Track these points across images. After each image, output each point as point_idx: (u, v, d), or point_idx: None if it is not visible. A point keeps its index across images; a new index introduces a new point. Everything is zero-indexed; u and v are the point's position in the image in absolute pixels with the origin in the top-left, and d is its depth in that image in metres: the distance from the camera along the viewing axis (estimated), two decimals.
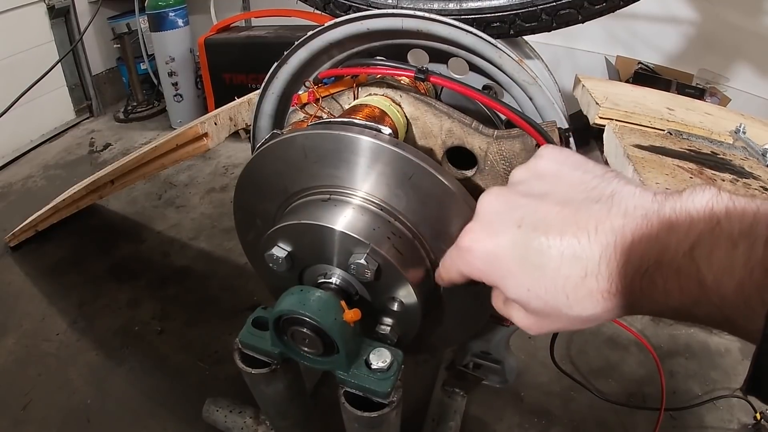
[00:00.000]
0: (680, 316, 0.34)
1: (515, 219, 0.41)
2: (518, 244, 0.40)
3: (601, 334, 1.65)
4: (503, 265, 0.41)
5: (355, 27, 0.74)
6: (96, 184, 1.61)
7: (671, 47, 2.44)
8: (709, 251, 0.31)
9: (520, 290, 0.40)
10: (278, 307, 0.58)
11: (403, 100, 0.70)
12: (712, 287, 0.31)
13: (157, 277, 1.85)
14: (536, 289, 0.39)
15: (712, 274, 0.31)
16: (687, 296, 0.32)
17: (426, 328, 0.69)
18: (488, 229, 0.42)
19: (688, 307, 0.33)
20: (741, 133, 1.08)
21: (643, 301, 0.35)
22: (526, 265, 0.39)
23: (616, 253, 0.35)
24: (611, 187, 0.38)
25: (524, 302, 0.41)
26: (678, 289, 0.33)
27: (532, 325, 0.43)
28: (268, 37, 2.55)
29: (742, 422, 1.40)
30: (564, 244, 0.37)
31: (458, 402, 1.24)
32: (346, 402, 0.61)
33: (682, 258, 0.32)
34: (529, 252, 0.39)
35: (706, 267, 0.31)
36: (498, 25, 0.78)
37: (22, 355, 1.53)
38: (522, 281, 0.40)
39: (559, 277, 0.37)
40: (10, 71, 2.44)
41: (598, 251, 0.36)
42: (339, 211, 0.60)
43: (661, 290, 0.33)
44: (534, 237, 0.39)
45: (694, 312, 0.33)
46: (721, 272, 0.31)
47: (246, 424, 1.20)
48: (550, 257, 0.38)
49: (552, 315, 0.40)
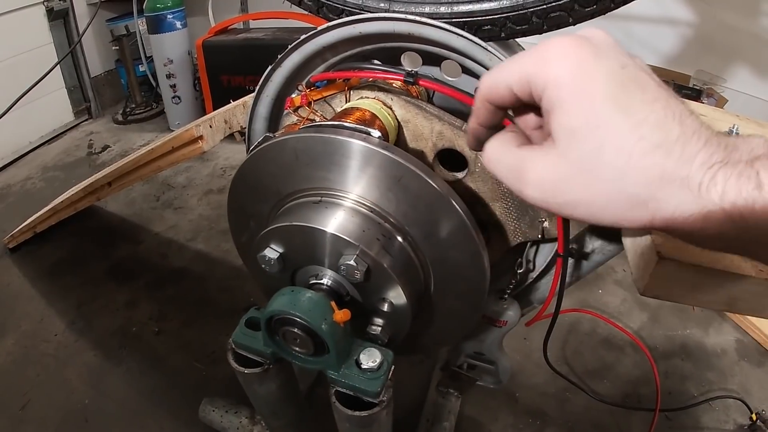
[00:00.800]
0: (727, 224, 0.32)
1: (621, 61, 0.37)
2: (617, 80, 0.35)
3: (597, 335, 1.65)
4: (590, 86, 0.35)
5: (347, 30, 0.74)
6: (94, 185, 1.61)
7: (668, 48, 2.45)
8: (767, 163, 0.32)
9: (589, 121, 0.35)
10: (270, 308, 0.59)
11: (394, 103, 0.71)
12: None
13: (155, 278, 1.85)
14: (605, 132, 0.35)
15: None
16: (744, 198, 0.31)
17: (417, 329, 0.69)
18: (593, 49, 0.36)
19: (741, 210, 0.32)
20: (734, 134, 1.09)
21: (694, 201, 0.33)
22: (613, 102, 0.35)
23: (692, 141, 0.33)
24: None
25: (581, 137, 0.36)
26: (736, 189, 0.32)
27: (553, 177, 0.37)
28: (266, 39, 2.56)
29: (738, 423, 1.40)
30: (654, 109, 0.35)
31: (452, 402, 1.25)
32: (337, 401, 0.61)
33: (743, 165, 0.32)
34: (622, 93, 0.35)
35: (764, 173, 0.31)
36: (489, 28, 0.78)
37: (21, 356, 1.54)
38: (599, 114, 0.35)
39: (635, 133, 0.34)
40: (9, 73, 2.45)
41: (677, 132, 0.34)
42: (330, 213, 0.61)
43: (719, 190, 0.32)
44: (632, 85, 0.35)
45: (747, 217, 0.32)
46: None
47: (242, 424, 1.21)
48: (638, 110, 0.34)
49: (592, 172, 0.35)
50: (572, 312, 1.62)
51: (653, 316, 1.74)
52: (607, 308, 1.76)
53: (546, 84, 0.36)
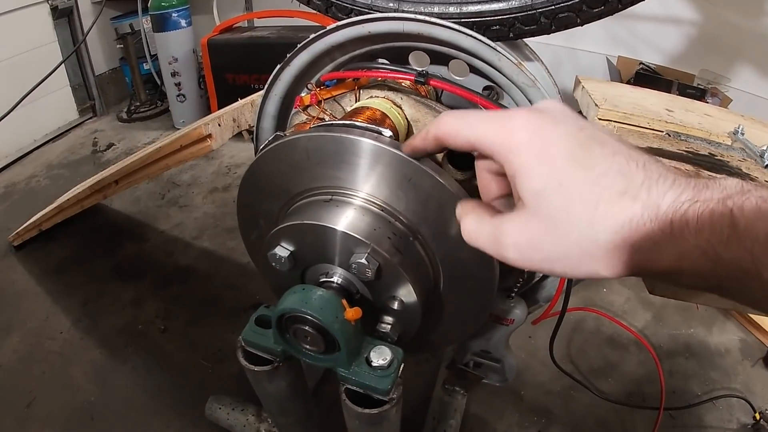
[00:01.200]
0: (704, 263, 0.33)
1: (578, 124, 0.39)
2: (575, 140, 0.37)
3: (601, 333, 1.65)
4: (550, 149, 0.37)
5: (356, 30, 0.75)
6: (100, 184, 1.62)
7: (673, 47, 2.44)
8: (741, 202, 0.32)
9: (552, 181, 0.37)
10: (281, 306, 0.59)
11: (404, 102, 0.71)
12: (745, 229, 0.31)
13: (160, 276, 1.86)
14: (570, 187, 0.36)
15: (744, 219, 0.31)
16: (718, 236, 0.32)
17: (426, 327, 0.70)
18: (551, 116, 0.39)
19: (717, 248, 0.32)
20: (739, 135, 1.08)
21: (668, 242, 0.34)
22: (573, 160, 0.37)
23: (658, 184, 0.34)
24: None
25: (546, 197, 0.37)
26: (710, 228, 0.32)
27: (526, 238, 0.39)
28: (271, 38, 2.56)
29: (741, 422, 1.41)
30: (615, 161, 0.36)
31: (458, 400, 1.25)
32: (347, 399, 0.62)
33: (716, 203, 0.32)
34: (582, 150, 0.37)
35: (738, 212, 0.32)
36: (497, 28, 0.79)
37: (26, 354, 1.55)
38: (560, 173, 0.37)
39: (599, 184, 0.36)
40: (14, 71, 2.45)
41: (642, 177, 0.35)
42: (340, 211, 0.61)
43: (692, 229, 0.33)
44: (591, 143, 0.37)
45: (723, 255, 0.32)
46: (753, 217, 0.31)
47: (248, 422, 1.21)
48: (598, 164, 0.36)
49: (562, 227, 0.37)
50: (577, 311, 1.62)
51: (657, 315, 1.74)
52: (611, 307, 1.76)
53: (509, 151, 0.39)
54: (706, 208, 0.33)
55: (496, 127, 0.40)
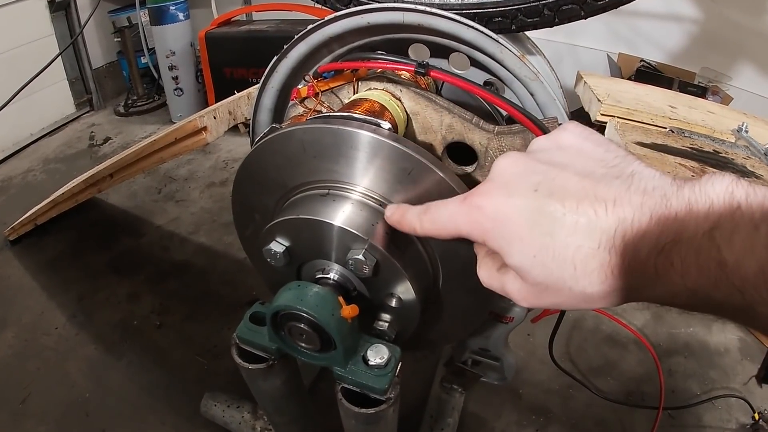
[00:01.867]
0: (696, 301, 0.33)
1: (532, 183, 0.39)
2: (532, 208, 0.38)
3: (601, 332, 1.65)
4: (512, 228, 0.39)
5: (355, 21, 0.73)
6: (95, 177, 1.60)
7: (674, 45, 2.44)
8: (729, 233, 0.31)
9: (524, 256, 0.39)
10: (276, 303, 0.58)
11: (403, 94, 0.70)
12: (733, 268, 0.30)
13: (156, 271, 1.85)
14: (543, 257, 0.37)
15: (734, 256, 0.30)
16: (706, 277, 0.31)
17: (424, 325, 0.68)
18: (503, 189, 0.40)
19: (707, 289, 0.32)
20: (743, 132, 1.07)
21: (656, 283, 0.34)
22: (537, 230, 0.37)
23: (633, 227, 0.34)
24: (632, 167, 0.37)
25: (526, 270, 0.39)
26: (696, 270, 0.32)
27: (528, 296, 0.42)
28: (269, 31, 2.54)
29: (740, 422, 1.40)
30: (580, 212, 0.36)
31: (456, 399, 1.24)
32: (344, 398, 0.60)
33: (701, 238, 0.31)
34: (542, 217, 0.37)
35: (726, 248, 0.31)
36: (500, 20, 0.77)
37: (21, 349, 1.53)
38: (529, 247, 0.38)
39: (570, 246, 0.36)
40: (11, 64, 2.44)
41: (614, 224, 0.34)
42: (337, 206, 0.60)
43: (678, 271, 0.32)
44: (549, 203, 0.37)
45: (713, 295, 0.32)
46: (742, 253, 0.30)
47: (244, 419, 1.20)
48: (563, 224, 0.36)
49: (553, 287, 0.38)
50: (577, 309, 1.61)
51: (657, 313, 1.73)
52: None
53: (483, 238, 0.42)
54: (690, 247, 0.32)
55: (463, 220, 0.43)
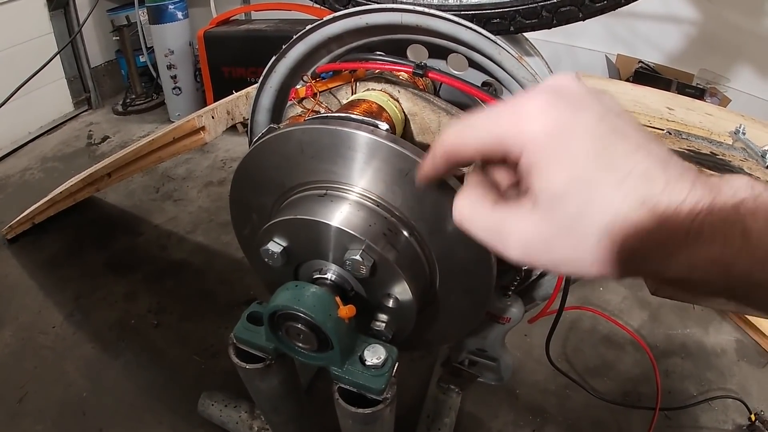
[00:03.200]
0: (712, 274, 0.32)
1: (598, 111, 0.35)
2: (596, 133, 0.34)
3: (597, 332, 1.65)
4: (569, 147, 0.34)
5: (353, 21, 0.73)
6: (93, 176, 1.60)
7: (672, 47, 2.44)
8: (754, 208, 0.31)
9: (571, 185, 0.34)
10: (273, 303, 0.58)
11: (401, 95, 0.70)
12: (756, 239, 0.30)
13: (154, 270, 1.84)
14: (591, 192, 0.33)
15: (757, 225, 0.30)
16: (730, 247, 0.31)
17: (421, 325, 0.68)
18: (565, 104, 0.35)
19: (728, 261, 0.31)
20: (741, 134, 1.08)
21: (681, 250, 0.32)
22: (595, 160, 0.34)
23: (676, 190, 0.32)
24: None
25: (562, 198, 0.34)
26: (722, 237, 0.31)
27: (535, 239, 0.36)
28: (268, 31, 2.54)
29: (736, 423, 1.40)
30: (638, 158, 0.33)
31: (453, 399, 1.24)
32: (341, 398, 0.61)
33: (730, 208, 0.31)
34: (603, 147, 0.34)
35: (751, 220, 0.30)
36: (498, 21, 0.77)
37: (18, 348, 1.53)
38: (581, 175, 0.33)
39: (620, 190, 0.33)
40: (9, 63, 2.43)
41: (663, 181, 0.33)
42: (335, 206, 0.60)
43: (706, 239, 0.31)
44: (613, 137, 0.34)
45: (733, 267, 0.31)
46: (765, 226, 0.30)
47: (241, 419, 1.20)
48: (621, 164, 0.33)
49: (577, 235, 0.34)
50: (573, 309, 1.62)
51: (653, 314, 1.73)
52: (608, 306, 1.76)
53: (523, 146, 0.35)
54: (720, 215, 0.31)
55: (507, 120, 0.36)
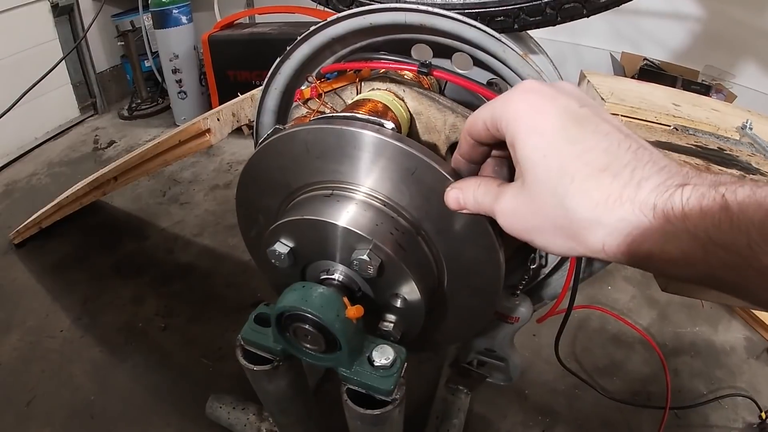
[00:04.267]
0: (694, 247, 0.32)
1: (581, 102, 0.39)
2: (569, 114, 0.37)
3: (606, 331, 1.64)
4: (540, 122, 0.38)
5: (357, 22, 0.73)
6: (99, 181, 1.61)
7: (677, 44, 2.43)
8: (734, 189, 0.31)
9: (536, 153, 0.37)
10: (280, 304, 0.57)
11: (406, 94, 0.70)
12: (738, 212, 0.30)
13: (160, 273, 1.85)
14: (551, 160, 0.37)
15: (737, 204, 0.30)
16: (709, 218, 0.31)
17: (429, 325, 0.68)
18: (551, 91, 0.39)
19: (709, 233, 0.31)
20: (748, 129, 1.07)
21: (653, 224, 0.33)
22: (561, 133, 0.37)
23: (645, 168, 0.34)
24: None
25: (530, 166, 0.38)
26: (699, 210, 0.31)
27: (513, 206, 0.40)
28: (272, 34, 2.55)
29: (747, 421, 1.39)
30: (606, 138, 0.36)
31: (462, 399, 1.24)
32: (349, 399, 0.60)
33: (706, 189, 0.32)
34: (572, 126, 0.37)
35: (731, 196, 0.31)
36: (502, 19, 0.77)
37: (26, 352, 1.54)
38: (547, 145, 0.37)
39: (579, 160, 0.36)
40: (15, 69, 2.44)
41: (629, 158, 0.35)
42: (341, 206, 0.60)
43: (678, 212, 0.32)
44: (586, 120, 0.37)
45: (714, 240, 0.31)
46: (746, 202, 0.30)
47: (249, 421, 1.20)
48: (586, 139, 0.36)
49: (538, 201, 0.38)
50: (582, 308, 1.61)
51: (662, 313, 1.72)
52: (616, 305, 1.75)
53: (507, 121, 0.40)
54: (694, 192, 0.32)
55: (500, 101, 0.41)
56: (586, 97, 0.40)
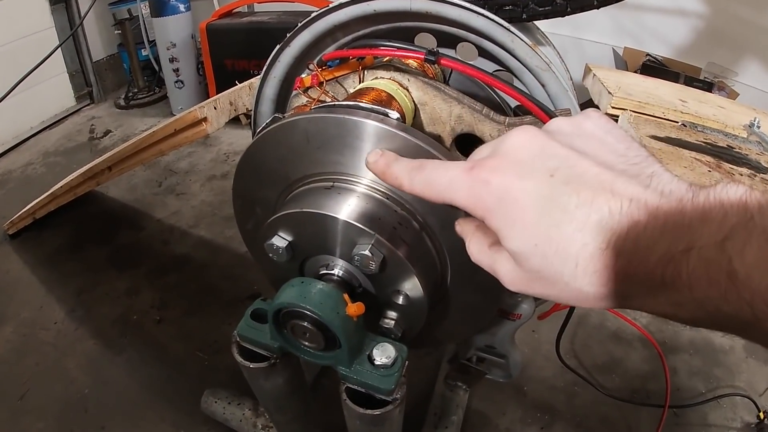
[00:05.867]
0: (701, 313, 0.31)
1: (549, 167, 0.36)
2: (544, 195, 0.36)
3: (606, 329, 1.63)
4: (518, 212, 0.36)
5: (361, 8, 0.71)
6: (93, 170, 1.58)
7: (680, 40, 2.41)
8: (742, 245, 0.29)
9: (525, 244, 0.36)
10: (278, 300, 0.56)
11: (411, 84, 0.67)
12: (744, 280, 0.29)
13: (156, 265, 1.83)
14: (545, 248, 0.35)
15: (745, 268, 0.29)
16: (716, 289, 0.30)
17: (432, 322, 0.66)
18: (515, 168, 0.37)
19: (715, 301, 0.30)
20: (755, 128, 1.05)
21: (660, 292, 0.32)
22: (545, 219, 0.35)
23: (646, 232, 0.32)
24: (652, 169, 0.36)
25: (524, 257, 0.37)
26: (706, 281, 0.30)
27: (518, 281, 0.40)
28: (271, 23, 2.51)
29: (745, 421, 1.38)
30: (594, 208, 0.34)
31: (461, 396, 1.23)
32: (348, 399, 0.58)
33: (713, 248, 0.30)
34: (553, 206, 0.35)
35: (738, 260, 0.29)
36: (510, 8, 0.75)
37: (20, 345, 1.52)
38: (533, 235, 0.36)
39: (576, 242, 0.34)
40: (10, 57, 2.41)
41: (626, 225, 0.33)
42: (342, 199, 0.58)
43: (685, 281, 0.31)
44: (564, 192, 0.35)
45: (721, 308, 0.30)
46: (753, 266, 0.29)
47: (245, 416, 1.19)
48: (573, 218, 0.34)
49: (548, 279, 0.36)
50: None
51: None
52: None
53: (483, 215, 0.38)
54: (701, 258, 0.30)
55: (464, 192, 0.39)
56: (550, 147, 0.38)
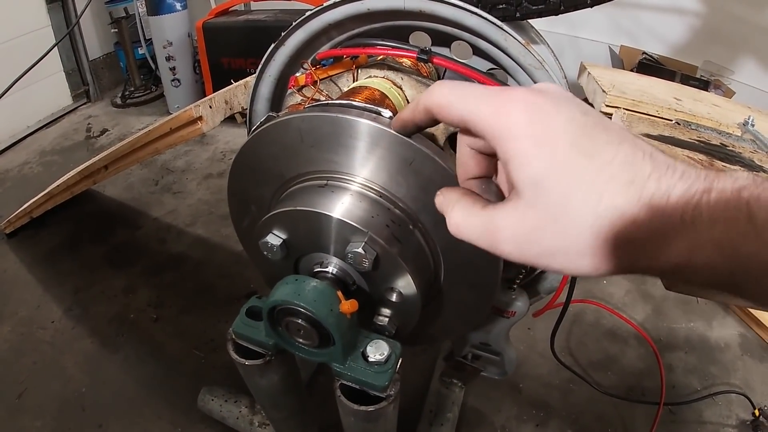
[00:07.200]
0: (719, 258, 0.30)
1: (581, 108, 0.35)
2: (577, 124, 0.34)
3: (601, 326, 1.63)
4: (549, 136, 0.34)
5: (354, 7, 0.71)
6: (89, 169, 1.58)
7: (676, 38, 2.42)
8: (757, 194, 0.29)
9: (551, 171, 0.34)
10: (272, 297, 0.56)
11: (404, 82, 0.68)
12: (764, 221, 0.29)
13: (153, 263, 1.83)
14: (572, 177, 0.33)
15: (763, 211, 0.29)
16: (735, 230, 0.29)
17: (425, 320, 0.67)
18: (548, 98, 0.35)
19: (735, 242, 0.29)
20: (749, 126, 1.06)
21: (679, 234, 0.31)
22: (575, 147, 0.33)
23: (667, 175, 0.32)
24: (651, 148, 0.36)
25: (542, 189, 0.34)
26: (724, 221, 0.30)
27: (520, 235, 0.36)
28: (268, 21, 2.51)
29: (740, 418, 1.39)
30: (621, 148, 0.33)
31: (456, 393, 1.23)
32: (342, 395, 0.59)
33: (730, 193, 0.30)
34: (584, 137, 0.34)
35: (755, 203, 0.29)
36: (504, 7, 0.75)
37: (17, 343, 1.52)
38: (561, 162, 0.33)
39: (603, 174, 0.33)
40: (6, 56, 2.40)
41: (650, 167, 0.32)
42: (336, 197, 0.58)
43: (706, 218, 0.30)
44: (595, 129, 0.34)
45: (740, 248, 0.29)
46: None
47: (241, 414, 1.19)
48: (603, 151, 0.33)
49: (561, 222, 0.34)
50: (577, 303, 1.60)
51: (657, 308, 1.72)
52: (611, 299, 1.74)
53: (503, 134, 0.35)
54: (720, 198, 0.30)
55: (491, 105, 0.36)
56: (581, 102, 0.37)
